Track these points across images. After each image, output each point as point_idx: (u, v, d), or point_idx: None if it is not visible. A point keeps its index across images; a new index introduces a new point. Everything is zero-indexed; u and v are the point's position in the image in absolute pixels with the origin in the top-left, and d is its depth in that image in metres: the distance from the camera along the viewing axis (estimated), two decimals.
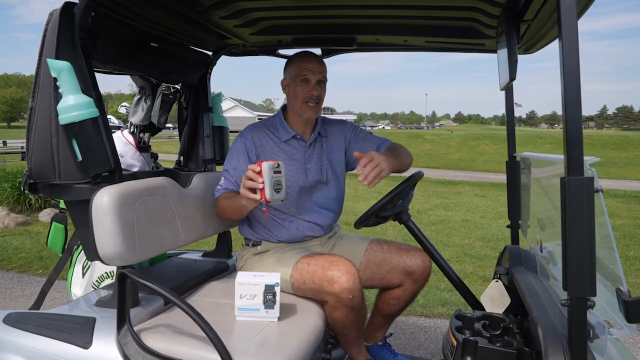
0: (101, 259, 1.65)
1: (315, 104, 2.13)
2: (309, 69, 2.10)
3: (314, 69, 2.11)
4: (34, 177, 1.76)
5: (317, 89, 2.12)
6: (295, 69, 2.13)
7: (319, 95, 2.13)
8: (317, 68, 2.12)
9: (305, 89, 2.11)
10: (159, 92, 2.56)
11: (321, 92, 2.14)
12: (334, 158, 2.28)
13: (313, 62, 2.13)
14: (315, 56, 2.17)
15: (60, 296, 4.18)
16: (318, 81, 2.12)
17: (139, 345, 1.59)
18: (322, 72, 2.14)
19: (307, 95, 2.11)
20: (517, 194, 2.39)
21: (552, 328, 1.36)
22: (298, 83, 2.11)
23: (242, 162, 2.10)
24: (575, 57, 1.12)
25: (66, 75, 1.62)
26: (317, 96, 2.12)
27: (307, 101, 2.11)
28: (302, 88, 2.11)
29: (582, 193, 1.11)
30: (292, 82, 2.14)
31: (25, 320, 1.76)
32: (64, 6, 1.65)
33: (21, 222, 6.88)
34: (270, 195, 1.72)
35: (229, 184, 2.08)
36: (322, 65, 2.16)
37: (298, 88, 2.12)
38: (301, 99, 2.12)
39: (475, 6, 1.85)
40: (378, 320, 2.32)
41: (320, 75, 2.12)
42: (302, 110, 2.14)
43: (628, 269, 5.14)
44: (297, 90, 2.12)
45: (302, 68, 2.11)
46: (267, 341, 1.63)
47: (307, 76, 2.10)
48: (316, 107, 2.14)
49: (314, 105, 2.13)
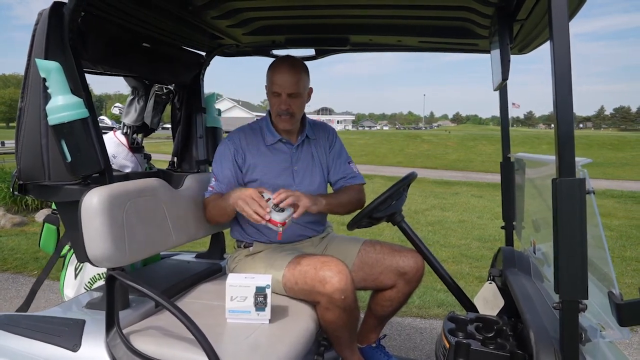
0: (90, 260, 1.63)
1: (289, 116, 2.11)
2: (278, 83, 2.07)
3: (282, 84, 2.06)
4: (24, 178, 1.74)
5: (286, 103, 2.08)
6: (269, 80, 2.12)
7: (287, 109, 2.09)
8: (285, 83, 2.06)
9: (276, 102, 2.10)
10: (152, 92, 2.54)
11: (291, 106, 2.09)
12: (321, 159, 2.28)
13: (283, 77, 2.07)
14: (288, 69, 2.08)
15: (54, 297, 4.16)
16: (289, 95, 2.08)
17: (127, 348, 1.57)
18: (292, 87, 2.06)
19: (277, 109, 2.11)
20: (511, 196, 2.38)
21: (544, 331, 1.35)
22: (271, 95, 2.12)
23: (228, 167, 2.12)
24: (566, 58, 1.11)
25: (55, 75, 1.60)
26: (286, 110, 2.09)
27: (278, 114, 2.12)
28: (274, 101, 2.11)
29: (574, 195, 1.10)
30: (268, 93, 2.14)
31: (14, 322, 1.74)
32: (53, 6, 1.64)
33: (17, 223, 6.85)
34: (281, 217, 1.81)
35: (217, 188, 2.11)
36: (294, 77, 2.07)
37: (271, 100, 2.13)
38: (274, 111, 2.13)
39: (468, 6, 1.84)
40: (371, 322, 2.30)
41: (290, 89, 2.06)
42: (277, 121, 2.16)
43: (625, 269, 5.14)
44: (271, 102, 2.14)
45: (273, 83, 2.09)
46: (258, 344, 1.62)
47: (277, 90, 2.08)
48: (290, 120, 2.12)
49: (287, 117, 2.11)
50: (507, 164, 2.39)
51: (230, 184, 2.11)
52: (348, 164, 2.35)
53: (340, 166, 2.32)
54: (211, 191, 2.12)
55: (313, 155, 2.25)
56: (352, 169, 2.34)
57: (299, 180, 2.17)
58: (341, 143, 2.40)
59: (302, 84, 2.10)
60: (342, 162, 2.34)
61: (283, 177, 2.14)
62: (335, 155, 2.34)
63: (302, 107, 2.15)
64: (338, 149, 2.36)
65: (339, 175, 2.31)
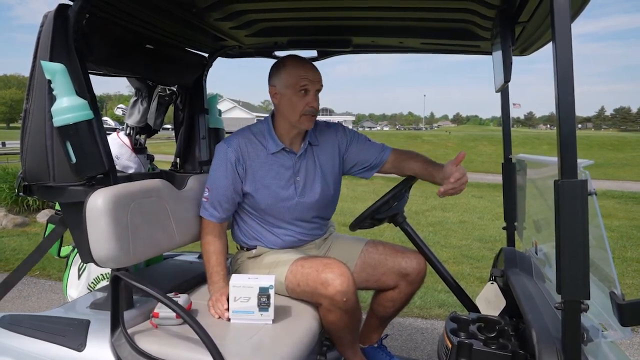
0: (95, 261, 1.64)
1: (313, 115, 2.02)
2: (309, 78, 1.95)
3: (313, 79, 1.96)
4: (29, 179, 1.75)
5: (316, 99, 1.99)
6: (292, 77, 1.96)
7: (317, 107, 2.01)
8: (316, 77, 1.98)
9: (304, 101, 1.96)
10: (155, 94, 2.55)
11: (319, 103, 2.02)
12: (327, 166, 2.17)
13: (311, 71, 1.98)
14: (309, 63, 2.03)
15: (57, 298, 4.18)
16: (317, 90, 2.00)
17: (132, 348, 1.58)
18: (320, 81, 2.00)
19: (308, 109, 1.97)
20: (512, 196, 2.39)
21: (546, 331, 1.36)
22: (296, 93, 1.96)
23: (226, 176, 2.02)
24: (568, 59, 1.12)
25: (60, 77, 1.61)
26: (316, 109, 2.01)
27: (305, 114, 1.98)
28: (302, 100, 1.96)
29: (576, 196, 1.11)
30: (288, 92, 1.97)
31: (18, 322, 1.76)
32: (58, 8, 1.65)
33: (19, 223, 6.86)
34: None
35: (211, 199, 2.04)
36: (319, 73, 2.02)
37: (295, 98, 1.96)
38: (300, 111, 1.96)
39: (470, 8, 1.85)
40: (373, 322, 2.31)
41: (318, 84, 1.99)
42: (300, 123, 2.00)
43: (625, 270, 5.14)
44: (294, 101, 1.96)
45: (301, 78, 1.94)
46: (262, 344, 1.63)
47: (307, 86, 1.95)
48: (314, 119, 2.05)
49: (312, 117, 2.02)
50: (508, 165, 2.39)
51: (227, 196, 2.03)
52: (369, 141, 2.26)
53: (369, 148, 2.23)
54: (205, 203, 2.05)
55: (316, 163, 2.14)
56: (380, 144, 2.26)
57: (301, 191, 2.09)
58: (353, 131, 2.31)
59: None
60: (371, 144, 2.24)
61: (285, 188, 2.07)
62: (356, 144, 2.24)
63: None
64: (355, 138, 2.25)
65: (374, 156, 2.22)
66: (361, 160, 2.23)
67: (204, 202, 2.06)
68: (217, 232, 2.06)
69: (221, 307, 1.81)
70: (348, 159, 2.24)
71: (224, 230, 2.13)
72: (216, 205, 2.03)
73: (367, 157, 2.23)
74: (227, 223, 2.14)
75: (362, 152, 2.23)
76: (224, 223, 2.10)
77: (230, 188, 2.03)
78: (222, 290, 1.89)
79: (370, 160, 2.23)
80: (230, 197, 2.04)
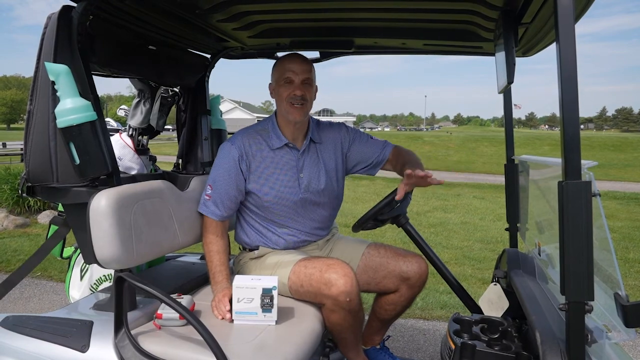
0: (98, 262, 1.64)
1: (300, 105, 2.04)
2: (292, 69, 2.03)
3: (296, 70, 2.03)
4: (32, 180, 1.75)
5: (300, 88, 2.03)
6: (278, 71, 2.07)
7: (303, 94, 2.03)
8: (299, 68, 2.04)
9: (288, 90, 2.04)
10: (158, 95, 2.56)
11: (306, 92, 2.04)
12: (329, 164, 2.20)
13: (296, 63, 2.05)
14: (299, 56, 2.10)
15: (58, 299, 4.18)
16: (302, 82, 2.04)
17: (136, 349, 1.58)
18: (305, 72, 2.05)
19: (291, 96, 2.03)
20: (515, 197, 2.39)
21: (550, 332, 1.36)
22: (282, 84, 2.05)
23: (229, 174, 2.04)
24: (572, 60, 1.12)
25: (64, 78, 1.61)
26: (301, 96, 2.03)
27: (291, 102, 2.04)
28: (286, 89, 2.04)
29: (580, 197, 1.11)
30: (277, 85, 2.08)
31: (22, 323, 1.76)
32: (62, 9, 1.65)
33: (20, 224, 6.87)
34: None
35: (214, 197, 2.05)
36: (306, 65, 2.07)
37: (281, 89, 2.05)
38: (285, 98, 2.04)
39: (473, 9, 1.85)
40: (375, 324, 2.31)
41: (303, 75, 2.04)
42: (287, 112, 2.05)
43: (628, 271, 5.13)
44: (280, 92, 2.06)
45: (285, 70, 2.04)
46: (265, 345, 1.63)
47: (290, 77, 2.03)
48: (302, 109, 2.05)
49: (299, 106, 2.04)
50: (511, 166, 2.39)
51: (229, 194, 2.05)
52: (371, 139, 2.29)
53: (371, 146, 2.26)
54: (207, 201, 2.06)
55: (319, 161, 2.17)
56: (381, 141, 2.29)
57: (305, 188, 2.11)
58: (355, 130, 2.34)
59: (313, 73, 2.11)
60: (373, 142, 2.28)
61: (289, 185, 2.09)
62: (359, 143, 2.27)
63: (313, 97, 2.12)
64: (357, 136, 2.29)
65: (375, 153, 2.25)
66: (364, 158, 2.26)
67: (205, 199, 2.07)
68: (219, 231, 2.07)
69: (223, 308, 1.81)
70: (351, 157, 2.27)
71: (226, 229, 2.14)
72: (218, 203, 2.05)
73: (369, 155, 2.26)
74: (228, 222, 2.15)
75: (365, 150, 2.26)
76: (225, 222, 2.11)
77: (233, 186, 2.05)
78: (225, 291, 1.89)
79: (373, 158, 2.26)
80: (232, 195, 2.06)
